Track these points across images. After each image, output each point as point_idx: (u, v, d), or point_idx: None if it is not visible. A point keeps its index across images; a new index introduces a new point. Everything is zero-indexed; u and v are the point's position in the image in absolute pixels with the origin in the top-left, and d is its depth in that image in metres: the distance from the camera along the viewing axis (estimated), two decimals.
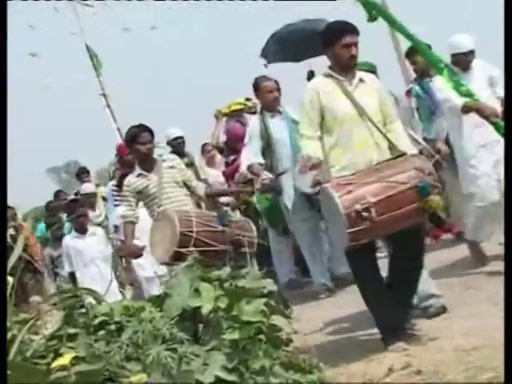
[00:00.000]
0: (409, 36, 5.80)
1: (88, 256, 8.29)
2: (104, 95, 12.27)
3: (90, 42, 12.41)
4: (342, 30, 4.87)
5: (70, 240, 8.47)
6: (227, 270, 3.54)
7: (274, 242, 7.88)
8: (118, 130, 11.69)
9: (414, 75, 8.20)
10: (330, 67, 4.96)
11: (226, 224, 6.04)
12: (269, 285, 3.48)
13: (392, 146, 4.86)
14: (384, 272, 4.91)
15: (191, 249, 5.58)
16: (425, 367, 4.01)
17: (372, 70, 6.15)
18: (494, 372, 3.65)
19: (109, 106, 12.19)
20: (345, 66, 4.90)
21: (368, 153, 4.80)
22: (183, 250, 5.58)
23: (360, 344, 5.03)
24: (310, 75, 8.72)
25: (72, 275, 8.38)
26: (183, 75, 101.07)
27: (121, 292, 8.06)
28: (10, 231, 8.28)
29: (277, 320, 3.43)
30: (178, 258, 5.38)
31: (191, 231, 5.73)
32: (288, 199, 7.23)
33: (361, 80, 4.94)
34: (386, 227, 4.55)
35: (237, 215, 7.57)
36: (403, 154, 4.78)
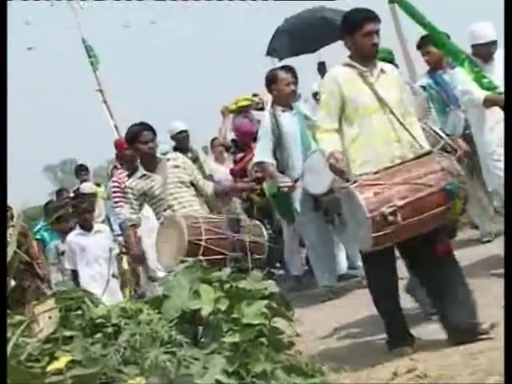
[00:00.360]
0: (427, 25, 5.65)
1: (92, 254, 8.10)
2: (101, 91, 12.20)
3: (89, 40, 12.33)
4: (364, 18, 4.71)
5: (74, 237, 8.28)
6: (227, 271, 3.46)
7: (286, 233, 7.74)
8: (116, 127, 11.62)
9: (417, 68, 8.08)
10: (350, 57, 4.79)
11: (237, 230, 5.80)
12: (270, 286, 3.40)
13: (414, 142, 4.68)
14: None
15: (200, 258, 5.29)
16: (431, 371, 3.95)
17: (389, 57, 5.93)
18: (501, 375, 3.57)
19: (105, 102, 12.12)
20: (366, 55, 4.73)
21: (390, 147, 4.64)
22: (191, 259, 5.39)
23: (365, 347, 4.98)
24: (321, 66, 8.57)
25: (74, 272, 8.22)
26: (182, 74, 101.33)
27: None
28: (10, 231, 8.18)
29: (278, 323, 3.36)
30: None
31: (200, 239, 5.48)
32: (297, 199, 7.06)
33: (382, 71, 4.78)
34: (411, 231, 4.39)
35: (246, 219, 7.37)
36: (429, 152, 4.62)
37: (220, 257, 5.53)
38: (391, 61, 5.76)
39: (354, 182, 4.41)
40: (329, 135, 4.69)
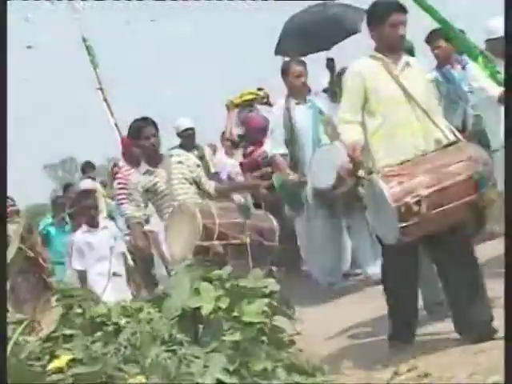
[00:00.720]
0: (442, 20, 5.59)
1: (101, 251, 7.97)
2: (101, 89, 12.15)
3: (90, 39, 12.28)
4: (390, 8, 4.64)
5: (81, 234, 8.14)
6: (228, 269, 3.45)
7: (300, 231, 7.49)
8: (116, 125, 11.57)
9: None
10: (376, 49, 4.72)
11: (247, 216, 5.57)
12: (271, 284, 3.39)
13: (439, 135, 4.59)
14: None
15: (215, 242, 5.17)
16: (431, 370, 3.94)
17: (409, 48, 5.85)
18: (501, 375, 3.56)
19: (106, 101, 12.06)
20: (393, 47, 4.66)
21: (414, 139, 4.55)
22: (207, 243, 5.15)
23: (366, 346, 4.97)
24: (329, 62, 8.50)
25: (82, 272, 8.10)
26: (182, 73, 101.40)
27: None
28: (15, 227, 8.11)
29: (279, 321, 3.35)
30: (199, 253, 5.03)
31: (214, 223, 5.25)
32: (306, 192, 6.96)
33: (407, 64, 4.72)
34: (437, 222, 4.25)
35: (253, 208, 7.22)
36: (455, 142, 4.52)
37: (233, 241, 5.32)
38: (413, 52, 5.71)
39: (378, 172, 4.35)
40: (351, 127, 4.62)
